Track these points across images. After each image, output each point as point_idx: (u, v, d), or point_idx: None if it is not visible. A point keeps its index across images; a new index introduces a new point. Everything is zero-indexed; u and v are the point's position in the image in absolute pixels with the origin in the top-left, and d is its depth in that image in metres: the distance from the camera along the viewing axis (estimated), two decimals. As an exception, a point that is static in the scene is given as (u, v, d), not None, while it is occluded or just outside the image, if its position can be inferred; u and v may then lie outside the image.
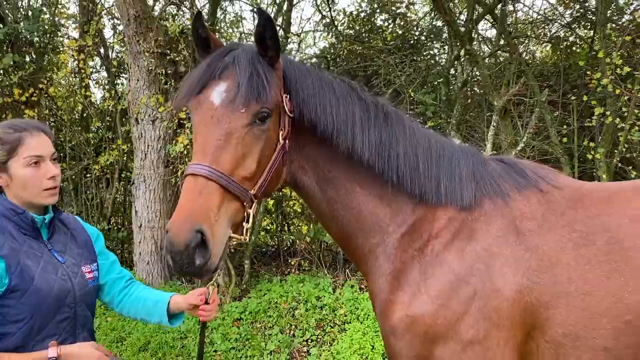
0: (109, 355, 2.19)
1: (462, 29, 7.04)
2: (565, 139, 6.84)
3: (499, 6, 7.34)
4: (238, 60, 2.07)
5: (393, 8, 10.22)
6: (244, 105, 2.01)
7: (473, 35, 7.77)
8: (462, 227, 2.23)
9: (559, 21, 8.44)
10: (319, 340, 6.44)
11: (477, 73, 7.36)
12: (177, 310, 2.46)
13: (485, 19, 8.52)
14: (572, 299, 2.02)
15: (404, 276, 2.22)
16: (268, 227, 10.65)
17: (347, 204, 2.36)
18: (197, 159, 1.98)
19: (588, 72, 6.23)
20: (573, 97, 6.98)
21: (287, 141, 2.21)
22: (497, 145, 6.78)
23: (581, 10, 8.54)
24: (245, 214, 2.06)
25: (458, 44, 6.95)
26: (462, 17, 8.86)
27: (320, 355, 5.99)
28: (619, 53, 5.89)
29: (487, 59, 8.05)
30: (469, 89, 8.54)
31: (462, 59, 7.56)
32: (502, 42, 7.73)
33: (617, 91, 6.04)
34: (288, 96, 2.20)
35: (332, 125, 2.24)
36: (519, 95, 6.56)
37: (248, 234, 2.11)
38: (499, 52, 8.08)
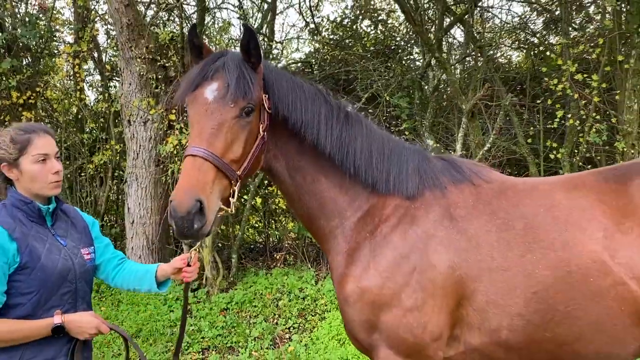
0: (106, 323, 2.52)
1: (433, 38, 7.41)
2: (530, 140, 7.23)
3: (466, 16, 7.72)
4: (227, 65, 2.41)
5: (375, 15, 10.59)
6: (233, 101, 2.35)
7: (444, 43, 8.14)
8: (406, 214, 2.59)
9: (527, 30, 8.82)
10: (300, 327, 6.78)
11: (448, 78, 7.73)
12: (163, 277, 2.79)
13: (457, 26, 8.89)
14: (493, 274, 2.39)
15: (357, 254, 2.58)
16: (256, 225, 10.95)
17: (312, 191, 2.71)
18: (194, 143, 2.31)
19: (546, 79, 6.61)
20: (538, 101, 7.38)
21: (265, 133, 2.55)
22: (468, 145, 7.15)
23: (551, 19, 8.95)
24: (232, 191, 2.41)
25: (428, 52, 7.34)
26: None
27: (301, 341, 6.32)
28: (571, 60, 6.29)
29: (456, 65, 8.43)
30: (444, 93, 8.91)
31: (433, 65, 7.91)
32: (469, 49, 8.10)
33: (576, 95, 6.44)
34: (267, 95, 2.56)
35: (301, 120, 2.60)
36: (487, 99, 6.93)
37: (233, 208, 2.45)
38: (469, 58, 8.47)
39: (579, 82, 6.42)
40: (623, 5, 6.71)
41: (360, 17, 10.56)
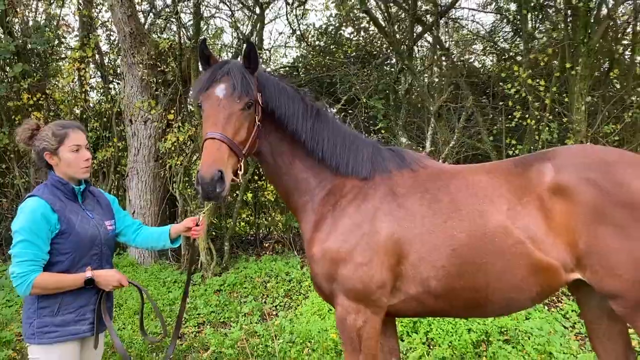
0: (126, 278, 3.18)
1: (404, 47, 8.11)
2: (491, 137, 7.93)
3: (433, 27, 8.42)
4: (232, 70, 3.10)
5: (357, 22, 11.25)
6: (239, 98, 3.04)
7: (419, 48, 8.84)
8: (360, 192, 3.26)
9: (491, 38, 9.53)
10: (286, 305, 7.44)
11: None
12: (175, 235, 3.47)
13: (428, 34, 9.57)
14: (423, 236, 3.06)
15: (322, 222, 3.25)
16: (247, 218, 11.59)
17: (289, 171, 3.39)
18: (212, 129, 2.97)
19: (501, 83, 7.30)
20: (501, 102, 8.08)
21: (260, 123, 3.23)
22: (437, 142, 7.84)
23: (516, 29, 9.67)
24: (240, 165, 3.08)
25: (399, 60, 8.04)
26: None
27: (287, 316, 6.98)
28: (523, 67, 6.99)
29: (426, 70, 9.14)
30: (416, 95, 9.61)
31: (405, 71, 8.57)
32: (436, 56, 8.81)
33: (530, 98, 7.15)
34: (260, 94, 3.23)
35: (284, 113, 3.29)
36: (451, 101, 7.62)
37: (240, 179, 3.11)
38: (439, 63, 9.17)
39: (536, 86, 7.12)
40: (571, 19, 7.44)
41: (344, 25, 11.22)
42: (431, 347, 5.89)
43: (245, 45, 3.23)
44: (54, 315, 3.00)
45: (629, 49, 7.91)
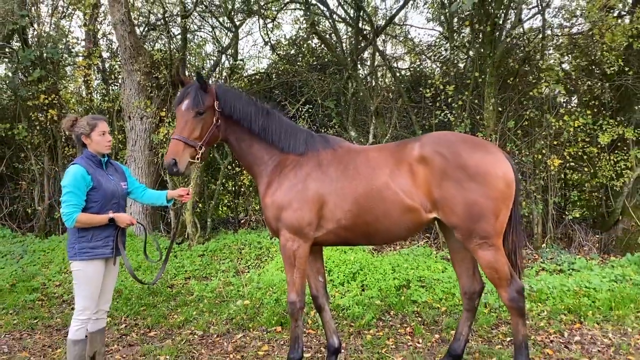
0: (135, 219, 4.37)
1: (349, 59, 9.39)
2: (420, 132, 9.24)
3: (372, 43, 9.72)
4: (191, 90, 4.31)
5: (322, 33, 12.46)
6: (192, 109, 4.25)
7: (365, 56, 10.12)
8: (297, 163, 4.46)
9: (420, 51, 10.85)
10: (256, 265, 8.65)
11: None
12: (170, 198, 4.67)
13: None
14: (337, 191, 4.28)
15: (271, 184, 4.44)
16: (229, 204, 12.71)
17: (250, 152, 4.56)
18: (176, 132, 4.18)
19: (420, 88, 8.62)
20: (430, 103, 9.40)
21: (219, 122, 4.39)
22: (377, 135, 9.12)
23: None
24: (198, 152, 4.24)
25: (345, 70, 9.32)
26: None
27: (256, 272, 8.20)
28: (439, 75, 8.32)
29: (368, 77, 10.45)
30: (362, 97, 10.90)
31: (351, 78, 9.84)
32: (375, 65, 10.11)
33: (449, 99, 8.47)
34: (218, 102, 4.43)
35: (239, 115, 4.45)
36: (385, 101, 8.89)
37: (198, 160, 4.27)
38: (379, 70, 10.48)
39: (446, 90, 8.44)
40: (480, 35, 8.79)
41: (312, 36, 12.42)
42: (364, 291, 7.18)
43: (195, 75, 4.43)
44: (89, 241, 4.14)
45: (525, 61, 9.26)
